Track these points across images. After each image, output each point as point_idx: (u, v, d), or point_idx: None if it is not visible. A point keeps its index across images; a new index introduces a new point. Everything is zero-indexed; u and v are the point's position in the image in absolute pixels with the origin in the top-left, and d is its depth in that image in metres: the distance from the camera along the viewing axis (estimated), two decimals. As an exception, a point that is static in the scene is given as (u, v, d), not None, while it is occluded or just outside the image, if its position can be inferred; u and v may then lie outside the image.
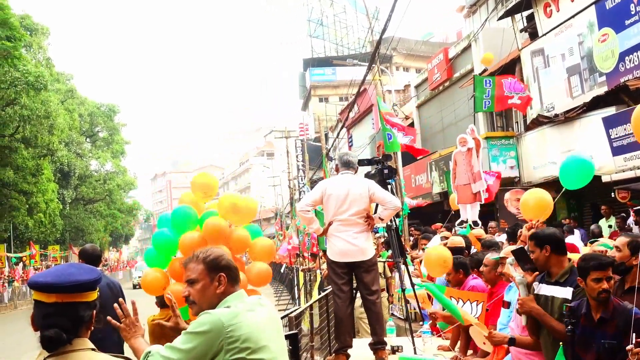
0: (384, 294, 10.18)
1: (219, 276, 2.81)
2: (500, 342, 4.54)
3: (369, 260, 6.22)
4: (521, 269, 4.38)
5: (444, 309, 5.97)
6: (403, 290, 6.96)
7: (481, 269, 5.73)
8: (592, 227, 12.19)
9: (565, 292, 4.18)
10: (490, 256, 5.58)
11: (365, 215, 6.20)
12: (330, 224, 6.27)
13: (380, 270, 9.72)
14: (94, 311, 2.42)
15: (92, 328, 2.44)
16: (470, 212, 11.47)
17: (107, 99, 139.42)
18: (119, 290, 5.94)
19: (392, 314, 11.50)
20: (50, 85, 35.76)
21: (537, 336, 4.32)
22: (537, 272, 4.34)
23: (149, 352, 2.70)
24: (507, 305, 4.94)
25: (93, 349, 2.38)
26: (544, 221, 5.81)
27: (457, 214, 12.18)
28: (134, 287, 45.12)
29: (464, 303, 5.63)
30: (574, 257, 4.58)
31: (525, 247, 4.58)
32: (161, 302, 6.34)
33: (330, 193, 6.27)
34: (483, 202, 11.49)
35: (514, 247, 4.97)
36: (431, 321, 6.91)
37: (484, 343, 4.75)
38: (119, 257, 67.55)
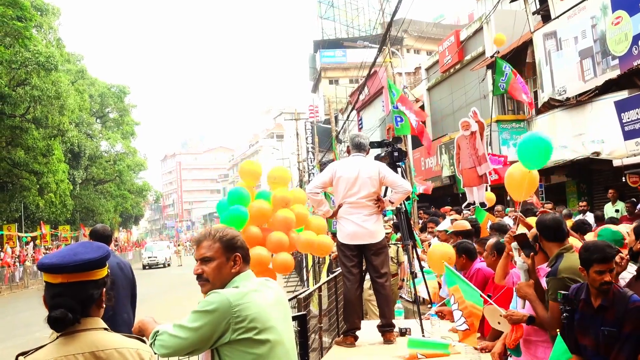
0: (395, 279, 10.18)
1: (234, 256, 2.82)
2: (519, 321, 4.54)
3: (378, 243, 6.22)
4: (524, 254, 4.38)
5: (451, 301, 5.92)
6: (412, 273, 6.97)
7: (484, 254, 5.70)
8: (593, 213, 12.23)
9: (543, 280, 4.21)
10: (492, 240, 5.54)
11: (375, 198, 6.19)
12: (340, 206, 6.27)
13: (393, 254, 9.72)
14: (104, 289, 2.43)
15: (104, 306, 2.45)
16: (477, 195, 11.44)
17: (118, 80, 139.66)
18: (129, 270, 5.97)
19: (401, 297, 11.52)
20: (61, 65, 35.81)
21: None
22: (532, 254, 4.35)
23: (157, 332, 2.72)
24: None
25: (105, 329, 2.39)
26: (555, 204, 5.78)
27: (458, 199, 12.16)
28: (144, 267, 45.47)
29: (458, 309, 5.58)
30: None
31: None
32: None
33: (340, 175, 6.25)
34: (489, 183, 11.46)
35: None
36: (439, 304, 6.91)
37: (499, 323, 4.75)
38: (129, 238, 67.89)
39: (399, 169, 6.99)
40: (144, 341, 2.53)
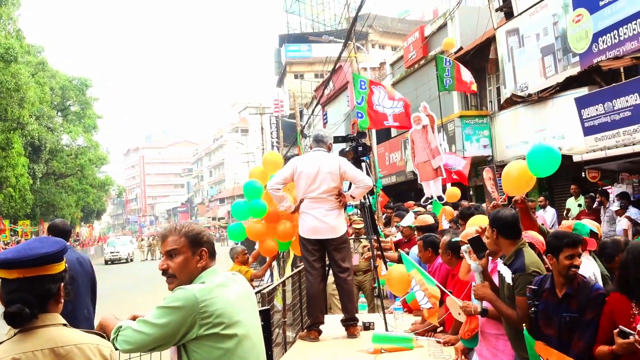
0: (370, 274, 10.19)
1: (200, 250, 2.81)
2: (474, 313, 4.63)
3: (339, 238, 6.24)
4: (476, 257, 4.43)
5: (412, 283, 5.94)
6: (375, 267, 7.00)
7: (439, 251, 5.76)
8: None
9: (507, 274, 4.26)
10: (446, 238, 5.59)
11: (336, 193, 6.19)
12: (301, 201, 6.27)
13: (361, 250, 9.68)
14: (62, 284, 2.39)
15: (62, 301, 2.41)
16: (433, 188, 11.55)
17: (80, 72, 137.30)
18: (88, 265, 5.91)
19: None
20: (21, 57, 35.00)
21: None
22: (488, 252, 4.41)
23: (120, 327, 2.68)
24: None
25: (65, 325, 2.35)
26: (508, 200, 5.83)
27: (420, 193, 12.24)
28: (106, 262, 44.91)
29: (420, 290, 5.61)
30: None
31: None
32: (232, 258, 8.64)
33: (301, 171, 6.26)
34: (442, 178, 11.58)
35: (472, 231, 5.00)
36: (402, 298, 6.96)
37: (459, 314, 4.82)
38: (91, 233, 66.93)
39: (363, 164, 7.02)
40: (104, 337, 2.50)
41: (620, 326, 3.46)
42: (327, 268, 6.69)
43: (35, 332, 2.27)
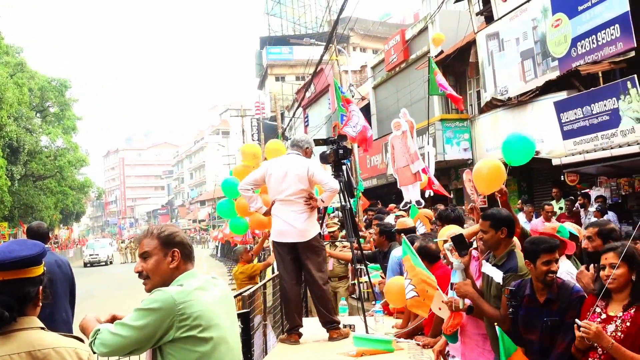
0: (345, 282, 10.23)
1: (172, 251, 2.81)
2: (460, 309, 4.66)
3: (308, 242, 6.17)
4: (458, 255, 4.45)
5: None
6: (356, 270, 7.00)
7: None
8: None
9: (497, 275, 4.28)
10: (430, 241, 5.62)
11: (306, 196, 6.17)
12: (273, 203, 6.27)
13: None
14: (40, 287, 2.37)
15: (40, 304, 2.39)
16: (412, 192, 11.61)
17: (59, 73, 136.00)
18: (67, 268, 5.86)
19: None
20: (-1, 58, 34.71)
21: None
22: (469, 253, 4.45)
23: (98, 330, 2.66)
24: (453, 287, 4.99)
25: (42, 328, 2.33)
26: (488, 201, 5.88)
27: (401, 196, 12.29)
28: (85, 265, 44.57)
29: (407, 278, 5.58)
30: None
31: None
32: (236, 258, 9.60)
33: (271, 173, 6.26)
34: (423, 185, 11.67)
35: (452, 231, 5.02)
36: (383, 300, 6.97)
37: (440, 308, 4.84)
38: (70, 235, 66.32)
39: (344, 167, 7.02)
40: (82, 340, 2.48)
41: (576, 320, 3.53)
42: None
43: (13, 336, 2.24)
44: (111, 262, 46.04)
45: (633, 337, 3.47)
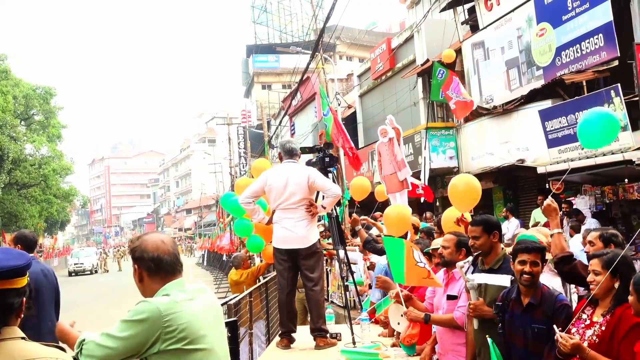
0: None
1: (135, 266, 2.80)
2: (416, 319, 4.70)
3: (308, 248, 6.26)
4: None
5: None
6: (343, 278, 7.01)
7: None
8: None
9: (502, 280, 4.26)
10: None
11: (307, 204, 6.23)
12: (274, 212, 6.35)
13: None
14: (24, 298, 2.34)
15: (22, 315, 2.36)
16: (399, 200, 11.61)
17: (44, 81, 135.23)
18: (53, 277, 5.82)
19: (332, 302, 11.57)
20: (-17, 65, 34.46)
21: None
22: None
23: (84, 340, 2.62)
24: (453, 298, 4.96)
25: (23, 338, 2.30)
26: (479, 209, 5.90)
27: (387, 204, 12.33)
28: (70, 274, 44.25)
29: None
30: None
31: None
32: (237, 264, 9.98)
33: (271, 183, 6.34)
34: (408, 191, 11.69)
35: (444, 238, 5.03)
36: (369, 309, 6.97)
37: (398, 323, 4.88)
38: (54, 244, 65.81)
39: (330, 175, 7.04)
40: (64, 350, 2.45)
41: (555, 327, 3.56)
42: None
43: None
44: (96, 271, 45.79)
45: (607, 341, 3.51)
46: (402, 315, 4.87)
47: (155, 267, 2.77)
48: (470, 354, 4.42)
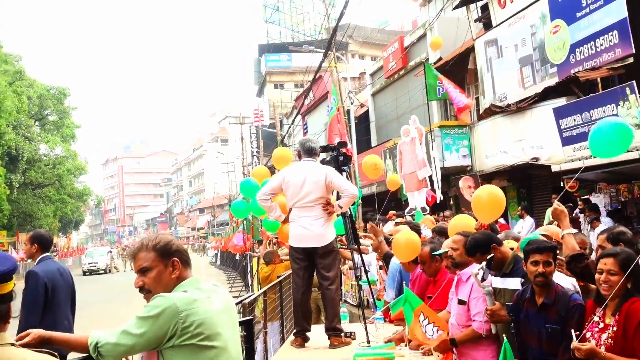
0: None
1: (172, 261, 2.78)
2: (445, 349, 4.71)
3: (324, 247, 6.27)
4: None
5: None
6: (357, 277, 7.00)
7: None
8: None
9: (513, 283, 4.26)
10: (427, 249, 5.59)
11: (324, 202, 6.23)
12: (290, 210, 6.39)
13: None
14: (10, 304, 2.31)
15: (10, 321, 2.34)
16: (418, 199, 11.62)
17: (58, 81, 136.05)
18: (69, 276, 5.86)
19: (345, 301, 11.55)
20: (-2, 66, 34.70)
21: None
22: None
23: (98, 342, 2.59)
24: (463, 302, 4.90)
25: (12, 344, 2.28)
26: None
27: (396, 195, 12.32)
28: (84, 273, 44.51)
29: (429, 323, 5.54)
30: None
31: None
32: (268, 260, 9.69)
33: (289, 181, 6.36)
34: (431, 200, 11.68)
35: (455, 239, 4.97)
36: (384, 308, 6.94)
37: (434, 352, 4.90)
38: (69, 243, 66.19)
39: (343, 173, 7.04)
40: (55, 355, 2.42)
41: (572, 332, 3.54)
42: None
43: None
44: (109, 271, 46.04)
45: (621, 341, 3.48)
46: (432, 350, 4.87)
47: (187, 259, 2.86)
48: None
